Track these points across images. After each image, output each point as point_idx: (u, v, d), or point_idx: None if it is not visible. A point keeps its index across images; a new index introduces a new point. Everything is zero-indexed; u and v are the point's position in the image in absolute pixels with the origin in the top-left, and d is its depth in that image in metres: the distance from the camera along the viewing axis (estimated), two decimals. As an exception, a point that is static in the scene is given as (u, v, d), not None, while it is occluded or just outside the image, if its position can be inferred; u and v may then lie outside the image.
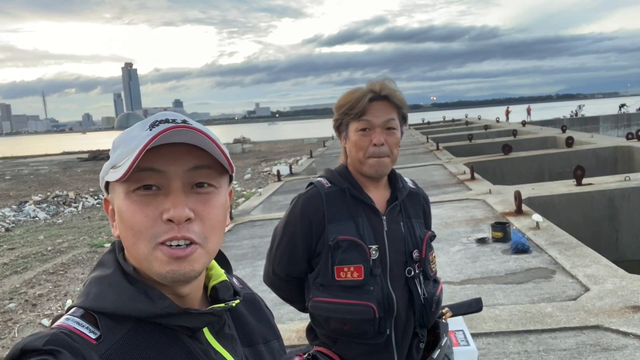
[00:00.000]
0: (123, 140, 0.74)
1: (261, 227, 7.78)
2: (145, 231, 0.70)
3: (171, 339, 0.72)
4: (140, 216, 0.70)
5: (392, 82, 1.57)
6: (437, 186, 10.13)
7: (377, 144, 1.50)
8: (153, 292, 0.72)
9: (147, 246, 0.70)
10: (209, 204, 0.73)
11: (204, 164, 0.73)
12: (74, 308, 0.72)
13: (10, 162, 43.04)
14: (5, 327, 5.99)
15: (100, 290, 0.72)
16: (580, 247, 5.17)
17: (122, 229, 0.73)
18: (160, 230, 0.69)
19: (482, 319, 3.65)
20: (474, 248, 5.65)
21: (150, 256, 0.70)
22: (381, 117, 1.51)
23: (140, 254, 0.71)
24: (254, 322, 0.89)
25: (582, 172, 8.38)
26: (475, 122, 35.65)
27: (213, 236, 0.74)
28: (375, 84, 1.54)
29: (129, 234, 0.71)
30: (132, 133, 0.74)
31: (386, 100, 1.52)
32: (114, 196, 0.74)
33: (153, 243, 0.70)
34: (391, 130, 1.53)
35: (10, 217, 14.01)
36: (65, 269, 8.39)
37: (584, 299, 3.90)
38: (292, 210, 1.60)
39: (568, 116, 39.73)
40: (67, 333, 0.66)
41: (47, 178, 26.01)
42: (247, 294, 0.92)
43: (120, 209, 0.72)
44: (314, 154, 21.72)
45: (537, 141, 18.39)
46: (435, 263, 1.61)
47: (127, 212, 0.71)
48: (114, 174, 0.71)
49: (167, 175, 0.71)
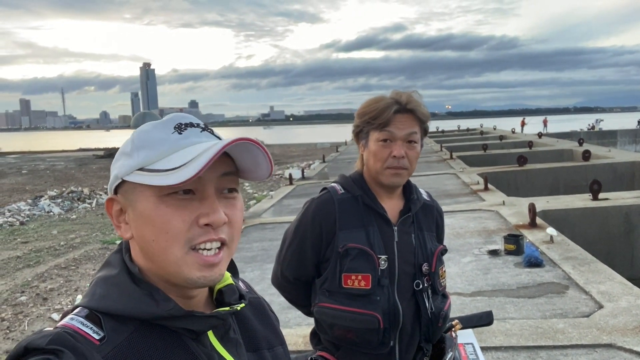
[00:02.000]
0: (147, 142, 0.73)
1: (272, 230, 7.78)
2: (181, 235, 0.70)
3: (175, 341, 0.72)
4: (177, 220, 0.70)
5: (419, 94, 1.54)
6: (450, 196, 10.04)
7: (397, 156, 1.49)
8: (158, 293, 0.72)
9: (180, 250, 0.71)
10: (235, 208, 0.76)
11: (231, 170, 0.75)
12: (79, 308, 0.72)
13: (27, 157, 43.77)
14: (16, 319, 6.06)
15: (106, 290, 0.72)
16: (595, 263, 5.07)
17: (150, 233, 0.72)
18: (196, 234, 0.71)
19: (492, 332, 3.60)
20: (485, 260, 5.58)
21: (181, 261, 0.71)
22: (404, 129, 1.49)
23: (171, 259, 0.71)
24: (259, 326, 0.88)
25: (599, 187, 8.25)
26: (491, 132, 35.34)
27: (236, 238, 0.77)
28: (401, 95, 1.51)
29: (162, 238, 0.71)
30: (156, 134, 0.73)
31: (411, 114, 1.50)
32: (135, 198, 0.73)
33: (187, 247, 0.71)
34: (412, 144, 1.51)
35: (25, 211, 14.23)
36: (76, 264, 8.48)
37: (597, 316, 3.82)
38: (304, 214, 1.60)
39: (585, 129, 39.25)
40: (70, 333, 0.66)
41: (63, 174, 26.38)
42: (253, 298, 0.91)
43: (149, 213, 0.71)
44: (327, 158, 21.71)
45: (553, 153, 18.16)
46: (445, 278, 1.59)
47: (162, 216, 0.70)
48: (163, 178, 0.69)
49: (203, 181, 0.72)
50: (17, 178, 24.62)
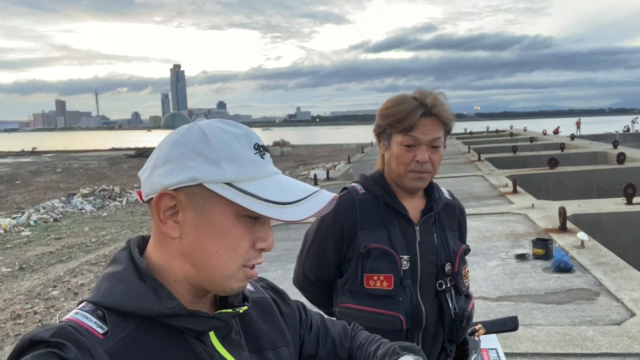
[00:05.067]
0: (235, 156, 0.72)
1: (296, 230, 7.81)
2: (243, 255, 0.75)
3: (177, 339, 0.73)
4: (246, 242, 0.74)
5: (444, 96, 1.50)
6: (477, 198, 9.88)
7: (420, 161, 1.46)
8: (162, 291, 0.73)
9: (236, 267, 0.75)
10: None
11: None
12: (84, 302, 0.73)
13: (62, 156, 45.16)
14: (48, 313, 6.26)
15: (111, 286, 0.73)
16: (628, 270, 4.91)
17: (216, 245, 0.73)
18: (252, 256, 0.76)
19: (517, 338, 3.52)
20: (512, 264, 5.47)
21: (233, 275, 0.75)
22: (429, 134, 1.46)
23: (226, 273, 0.74)
24: (264, 327, 0.88)
25: (634, 191, 7.97)
26: (521, 133, 34.55)
27: None
28: (426, 96, 1.46)
29: (228, 254, 0.74)
30: (240, 150, 0.73)
31: (436, 118, 1.46)
32: (207, 206, 0.72)
33: (242, 265, 0.75)
34: (436, 148, 1.48)
35: (59, 208, 14.67)
36: (106, 260, 8.70)
37: (629, 324, 3.70)
38: (325, 215, 1.59)
39: (621, 131, 37.98)
40: (74, 327, 0.67)
41: (95, 172, 27.12)
42: (260, 297, 0.92)
43: (223, 227, 0.73)
44: (352, 159, 21.66)
45: (586, 156, 17.64)
46: (468, 278, 1.56)
47: (236, 235, 0.74)
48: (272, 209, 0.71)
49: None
50: (52, 176, 25.43)
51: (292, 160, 30.66)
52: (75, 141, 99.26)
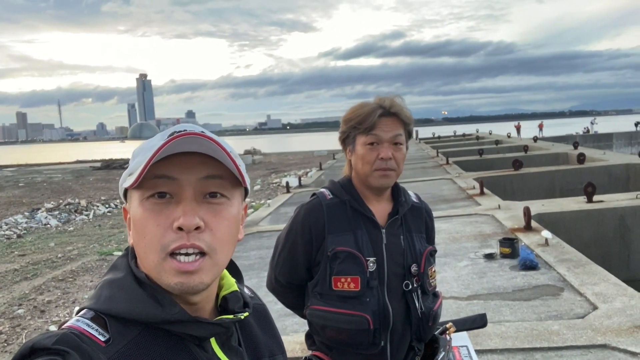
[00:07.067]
0: (142, 149, 0.74)
1: (269, 238, 7.79)
2: (156, 241, 0.70)
3: (178, 345, 0.72)
4: (152, 225, 0.70)
5: (401, 99, 1.60)
6: (446, 201, 10.08)
7: (384, 157, 1.53)
8: (164, 297, 0.72)
9: (157, 257, 0.70)
10: (219, 216, 0.73)
11: (217, 173, 0.72)
12: (85, 310, 0.72)
13: (24, 170, 43.68)
14: (14, 332, 6.05)
15: (112, 293, 0.72)
16: (590, 265, 5.10)
17: (136, 237, 0.73)
18: (170, 239, 0.69)
19: (487, 335, 3.62)
20: (481, 263, 5.61)
21: (159, 267, 0.71)
22: (389, 132, 1.54)
23: (151, 264, 0.71)
24: (262, 334, 0.88)
25: (593, 189, 8.30)
26: (486, 137, 35.50)
27: (222, 248, 0.73)
28: (384, 99, 1.57)
29: (142, 242, 0.72)
30: (151, 142, 0.74)
31: (395, 117, 1.55)
32: (130, 204, 0.75)
33: (163, 254, 0.70)
34: (398, 146, 1.57)
35: (22, 223, 14.20)
36: (74, 276, 8.47)
37: (592, 317, 3.85)
38: (294, 220, 1.64)
39: (581, 132, 39.39)
40: (76, 334, 0.67)
41: (60, 186, 26.34)
42: (257, 304, 0.91)
43: (134, 217, 0.73)
44: (324, 166, 21.76)
45: (548, 157, 18.26)
46: (435, 278, 1.62)
47: (141, 220, 0.71)
48: (129, 180, 0.72)
49: (180, 183, 0.71)
50: (14, 191, 24.57)
51: (264, 169, 30.56)
52: (38, 154, 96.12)
